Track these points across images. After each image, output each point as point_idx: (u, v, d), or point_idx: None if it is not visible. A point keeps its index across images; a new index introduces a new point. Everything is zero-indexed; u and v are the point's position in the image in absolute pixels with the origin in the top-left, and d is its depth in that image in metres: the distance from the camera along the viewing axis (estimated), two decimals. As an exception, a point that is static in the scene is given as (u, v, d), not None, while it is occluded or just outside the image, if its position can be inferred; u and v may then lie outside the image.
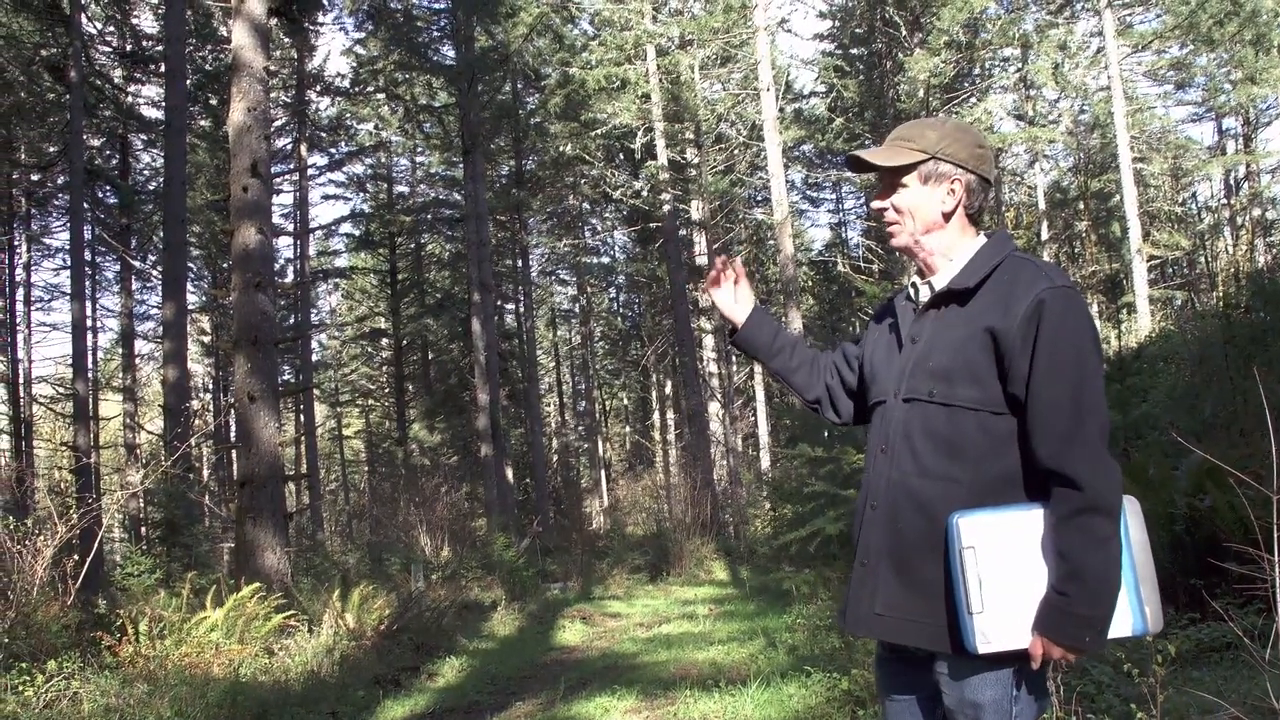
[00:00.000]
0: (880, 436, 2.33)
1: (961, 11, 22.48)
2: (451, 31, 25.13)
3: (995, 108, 27.64)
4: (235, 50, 11.70)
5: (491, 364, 23.63)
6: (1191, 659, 5.31)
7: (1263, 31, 27.65)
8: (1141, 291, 24.00)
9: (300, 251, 28.73)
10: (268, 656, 8.42)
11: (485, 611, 13.72)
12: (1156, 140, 30.71)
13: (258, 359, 11.08)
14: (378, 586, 12.02)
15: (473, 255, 23.96)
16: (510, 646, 11.55)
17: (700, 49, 24.88)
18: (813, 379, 2.70)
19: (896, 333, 2.40)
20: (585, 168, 29.02)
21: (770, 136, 20.58)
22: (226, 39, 15.50)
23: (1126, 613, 2.12)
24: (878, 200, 2.44)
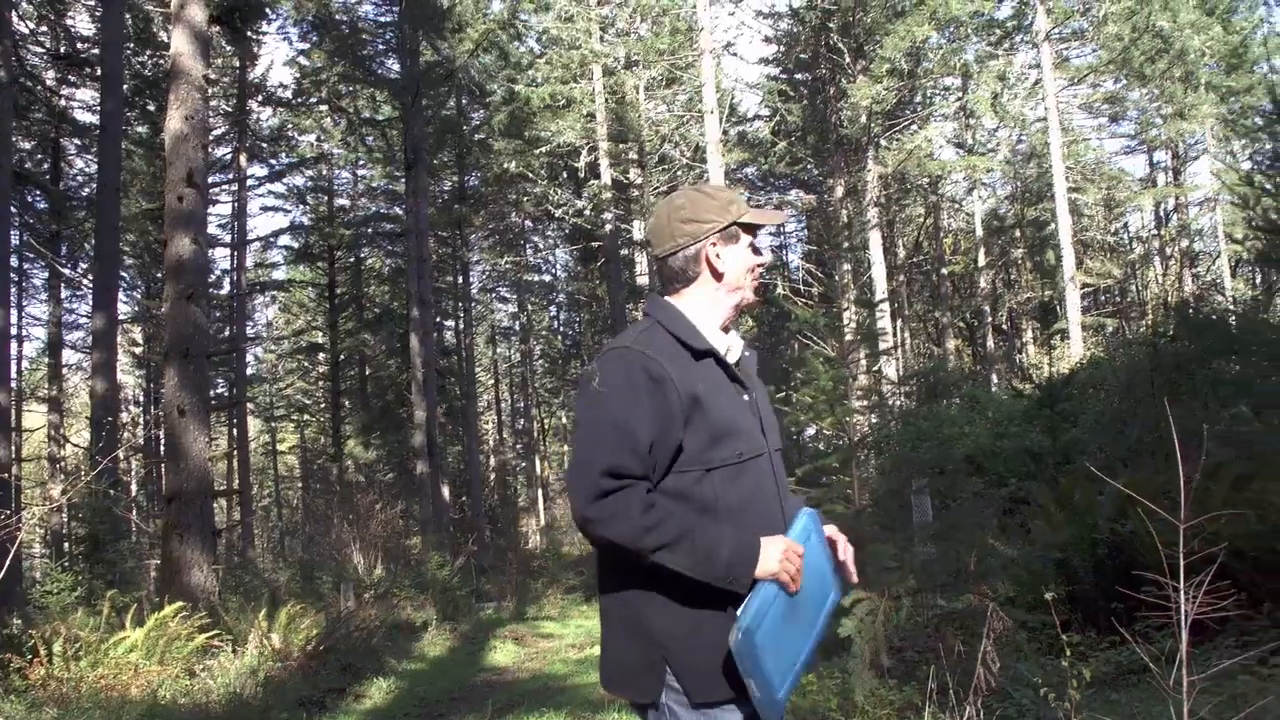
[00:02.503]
0: (771, 482, 2.41)
1: (904, 40, 22.79)
2: (397, 45, 25.01)
3: (935, 135, 28.06)
4: (174, 57, 11.52)
5: (429, 380, 23.45)
6: (1111, 681, 5.36)
7: (1191, 69, 28.36)
8: (1074, 319, 24.39)
9: (237, 263, 28.34)
10: (189, 678, 8.23)
11: (416, 631, 13.55)
12: (1091, 171, 31.26)
13: (189, 372, 10.88)
14: (307, 605, 11.82)
15: (413, 270, 23.79)
16: (440, 667, 11.41)
17: (646, 70, 24.95)
18: None
19: (736, 383, 2.44)
20: (528, 185, 28.95)
21: (713, 159, 20.67)
22: (166, 44, 15.26)
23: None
24: (769, 255, 2.53)
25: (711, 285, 2.44)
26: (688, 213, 2.44)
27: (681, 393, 2.26)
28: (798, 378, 6.01)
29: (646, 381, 2.24)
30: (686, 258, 2.44)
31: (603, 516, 2.15)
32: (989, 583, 6.34)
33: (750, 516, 2.31)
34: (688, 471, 2.28)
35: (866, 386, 6.79)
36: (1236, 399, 11.11)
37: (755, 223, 2.47)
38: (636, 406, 2.22)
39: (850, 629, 5.10)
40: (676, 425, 2.25)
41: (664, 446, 2.24)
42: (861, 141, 26.00)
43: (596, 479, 2.15)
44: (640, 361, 2.26)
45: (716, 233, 2.42)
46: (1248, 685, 4.61)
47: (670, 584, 2.21)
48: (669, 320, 2.39)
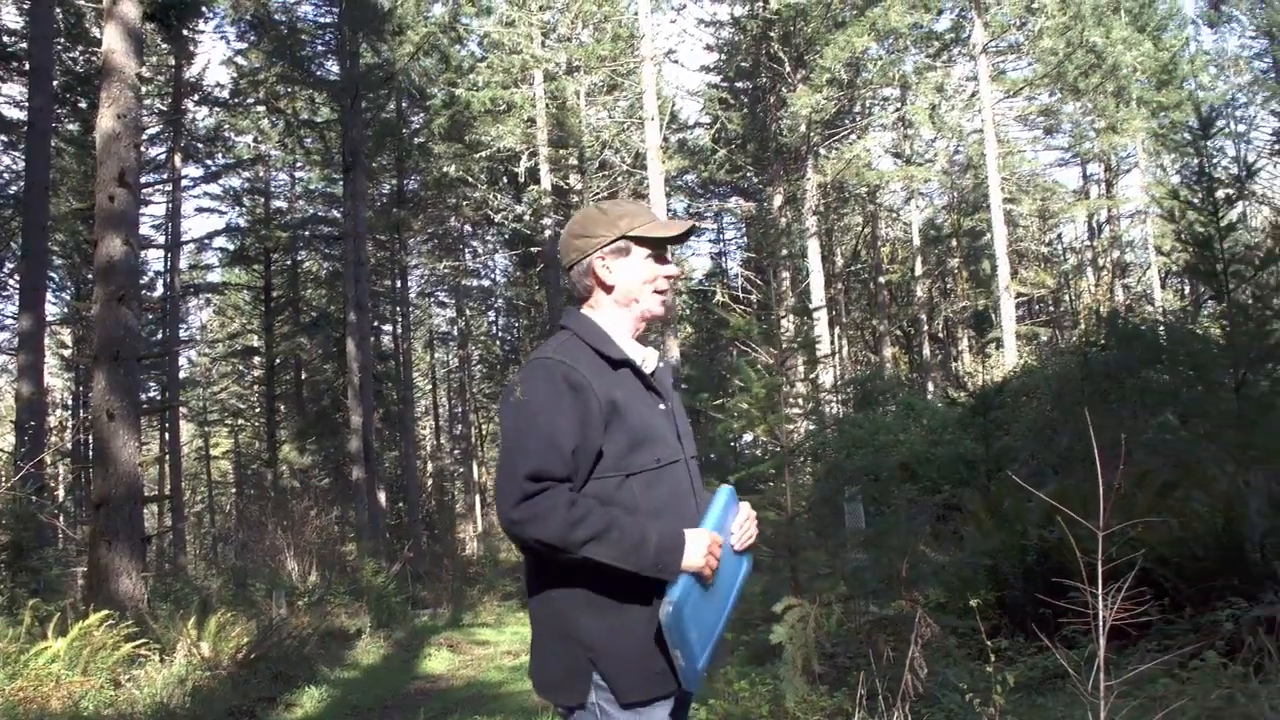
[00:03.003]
0: (688, 488, 2.46)
1: (844, 51, 23.00)
2: (337, 47, 24.78)
3: (874, 145, 28.32)
4: (106, 53, 11.30)
5: (366, 385, 23.24)
6: (1038, 686, 5.44)
7: (1123, 84, 28.94)
8: (1009, 328, 24.74)
9: (171, 265, 27.89)
10: (114, 689, 8.05)
11: (350, 639, 13.41)
12: (1026, 182, 31.78)
13: (119, 375, 10.68)
14: (239, 613, 11.63)
15: (350, 274, 23.58)
16: (374, 675, 11.31)
17: (587, 76, 24.97)
18: None
19: (653, 392, 2.51)
20: (468, 190, 28.83)
21: (653, 165, 20.73)
22: (98, 40, 14.94)
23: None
24: (675, 266, 2.62)
25: (606, 298, 2.52)
26: (579, 228, 2.53)
27: (601, 400, 2.31)
28: (736, 385, 6.03)
29: (568, 389, 2.30)
30: (580, 272, 2.53)
31: (528, 517, 2.19)
32: (920, 589, 6.40)
33: (669, 521, 2.35)
34: (608, 477, 2.33)
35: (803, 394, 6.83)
36: (1163, 408, 11.33)
37: (646, 236, 2.50)
38: (558, 413, 2.27)
39: (782, 636, 5.13)
40: (597, 431, 2.31)
41: (585, 452, 2.30)
42: (801, 150, 26.20)
43: (521, 482, 2.20)
44: (561, 370, 2.32)
45: (603, 247, 2.49)
46: (1168, 688, 4.69)
47: (596, 586, 2.27)
48: (584, 331, 2.46)
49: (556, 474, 2.24)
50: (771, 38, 25.72)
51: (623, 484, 2.34)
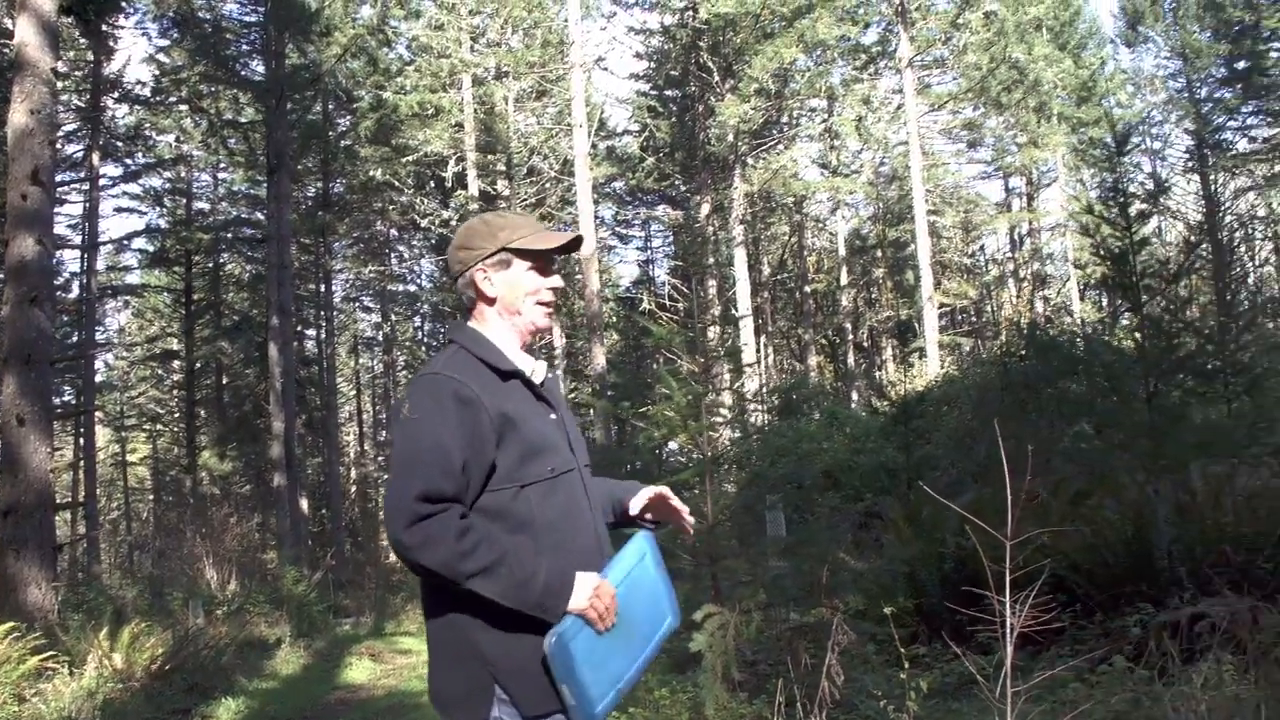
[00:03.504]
0: (583, 497, 2.48)
1: (772, 61, 23.20)
2: (262, 46, 24.45)
3: (801, 156, 28.61)
4: (19, 47, 11.02)
5: (288, 390, 22.93)
6: (953, 691, 5.52)
7: (1044, 100, 29.59)
8: (932, 337, 25.12)
9: (88, 266, 27.23)
10: (18, 704, 7.82)
11: (270, 649, 13.19)
12: (949, 195, 32.36)
13: (30, 379, 10.41)
14: (154, 623, 11.37)
15: (273, 278, 23.26)
16: (293, 686, 11.15)
17: (516, 81, 24.91)
18: None
19: (543, 402, 2.51)
20: (394, 194, 28.59)
21: (581, 172, 20.74)
22: (10, 33, 14.58)
23: None
24: (559, 278, 2.62)
25: (490, 310, 2.51)
26: (462, 240, 2.53)
27: (492, 413, 2.31)
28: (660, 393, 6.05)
29: (456, 405, 2.29)
30: (463, 284, 2.53)
31: (418, 542, 2.18)
32: (840, 596, 6.47)
33: (566, 531, 2.37)
34: (503, 489, 2.33)
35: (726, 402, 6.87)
36: (1079, 418, 11.57)
37: (527, 248, 2.50)
38: (446, 430, 2.26)
39: (701, 644, 5.15)
40: (489, 445, 2.30)
41: (477, 467, 2.29)
42: (729, 159, 26.36)
43: (411, 504, 2.20)
44: (449, 386, 2.31)
45: (483, 259, 2.48)
46: (1078, 692, 4.79)
47: (497, 610, 2.25)
48: (471, 344, 2.46)
49: (447, 493, 2.23)
50: (701, 47, 25.86)
51: (518, 495, 2.34)
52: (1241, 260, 38.38)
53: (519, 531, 2.31)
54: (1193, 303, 34.57)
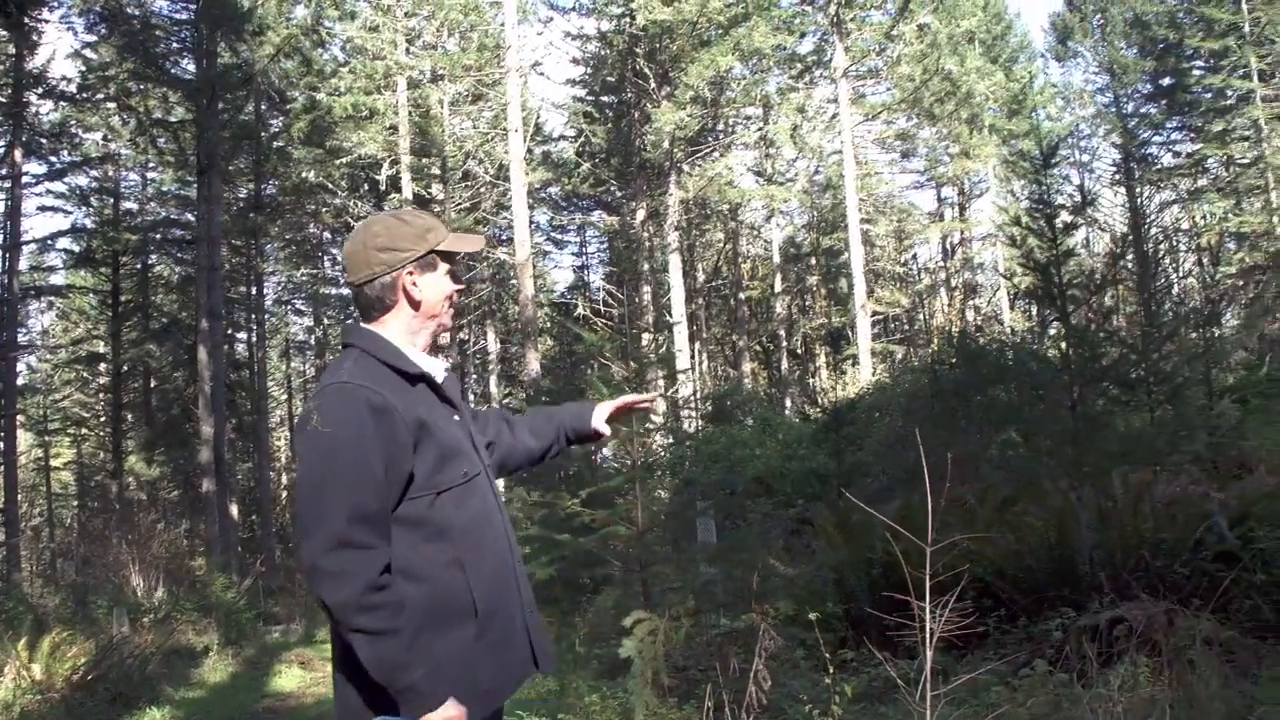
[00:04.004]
0: (492, 500, 2.47)
1: (708, 69, 23.32)
2: (193, 45, 24.08)
3: (736, 163, 28.79)
4: (-64, 45, 10.78)
5: (218, 394, 22.61)
6: (880, 695, 5.59)
7: (976, 112, 30.09)
8: (864, 345, 25.41)
9: (9, 266, 26.56)
10: (-72, 716, 7.65)
11: (197, 657, 12.99)
12: (883, 204, 32.78)
13: (-54, 382, 10.18)
14: (76, 632, 11.14)
15: (203, 280, 22.92)
16: (221, 694, 10.99)
17: (452, 85, 24.80)
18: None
19: (447, 404, 2.47)
20: (327, 196, 28.31)
21: (516, 177, 20.70)
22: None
23: None
24: (460, 284, 2.57)
25: (409, 313, 2.44)
26: (384, 240, 2.41)
27: (407, 420, 2.26)
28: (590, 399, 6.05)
29: (371, 414, 2.22)
30: (383, 286, 2.41)
31: (332, 570, 2.14)
32: (770, 602, 6.51)
33: (481, 536, 2.36)
34: (419, 497, 2.29)
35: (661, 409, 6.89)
36: (1007, 425, 11.78)
37: (453, 250, 2.48)
38: (364, 442, 2.20)
39: (631, 649, 5.17)
40: (406, 454, 2.26)
41: (396, 477, 2.24)
42: (664, 166, 26.45)
43: (339, 526, 2.15)
44: (361, 395, 2.24)
45: (413, 261, 2.41)
46: (1000, 695, 4.87)
47: (415, 619, 2.23)
48: (376, 349, 2.38)
49: (373, 510, 2.18)
50: (637, 54, 25.93)
51: (434, 502, 2.30)
52: (1166, 272, 39.27)
53: (437, 539, 2.28)
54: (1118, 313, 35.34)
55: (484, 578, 2.34)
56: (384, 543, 2.20)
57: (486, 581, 2.35)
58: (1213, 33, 28.54)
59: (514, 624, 2.42)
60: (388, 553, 2.21)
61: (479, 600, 2.31)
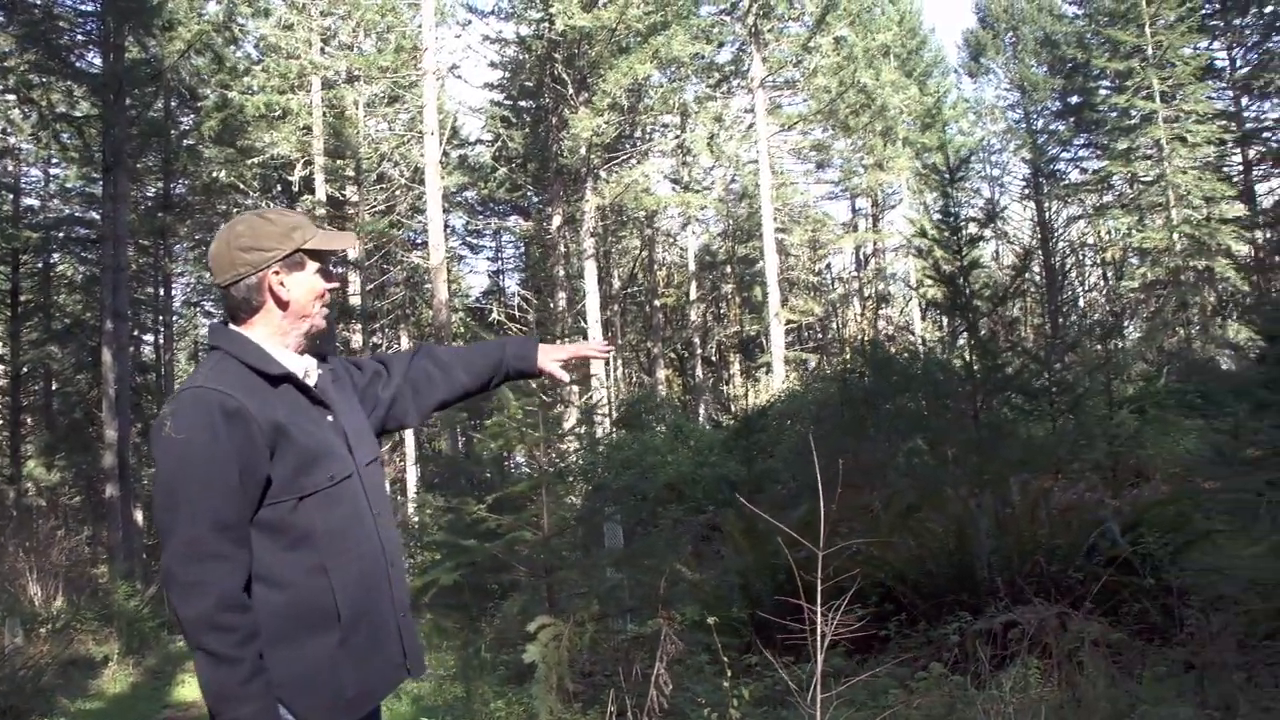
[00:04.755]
0: (364, 502, 2.40)
1: (626, 76, 23.39)
2: (99, 38, 23.47)
3: (653, 171, 28.89)
4: None
5: (123, 397, 22.06)
6: (780, 699, 5.65)
7: (890, 125, 30.61)
8: (778, 353, 25.67)
9: (-96, 263, 25.85)
10: None
11: (96, 667, 12.67)
12: (798, 213, 33.17)
13: None
14: (-35, 643, 10.84)
15: (108, 280, 22.36)
16: (120, 705, 10.74)
17: (368, 86, 24.56)
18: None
19: (319, 405, 2.41)
20: (239, 196, 27.79)
21: (432, 180, 20.56)
22: None
23: None
24: (332, 282, 2.49)
25: (277, 314, 2.38)
26: (248, 240, 2.35)
27: (262, 424, 2.21)
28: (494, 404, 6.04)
29: (223, 419, 2.17)
30: (249, 286, 2.35)
31: (190, 579, 2.10)
32: (677, 607, 6.55)
33: (348, 540, 2.32)
34: (280, 502, 2.24)
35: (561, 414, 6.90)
36: (914, 433, 11.99)
37: (321, 249, 2.41)
38: (217, 448, 2.15)
39: (535, 655, 5.16)
40: (262, 459, 2.20)
41: (253, 483, 2.19)
42: (581, 172, 26.46)
43: (196, 533, 2.11)
44: (215, 400, 2.19)
45: (279, 260, 2.35)
46: (897, 698, 4.96)
47: (271, 620, 2.19)
48: (239, 350, 2.32)
49: (231, 519, 2.13)
50: (556, 59, 25.91)
51: (297, 507, 2.25)
52: (1072, 285, 40.31)
53: (299, 545, 2.24)
54: (1025, 324, 36.15)
55: (350, 582, 2.30)
56: (243, 552, 2.16)
57: (353, 586, 2.30)
58: (1118, 54, 29.37)
59: (384, 628, 2.38)
60: (247, 563, 2.17)
61: (343, 606, 2.26)
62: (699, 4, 26.64)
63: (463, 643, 8.12)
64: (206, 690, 2.10)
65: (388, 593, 2.42)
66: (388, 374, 2.71)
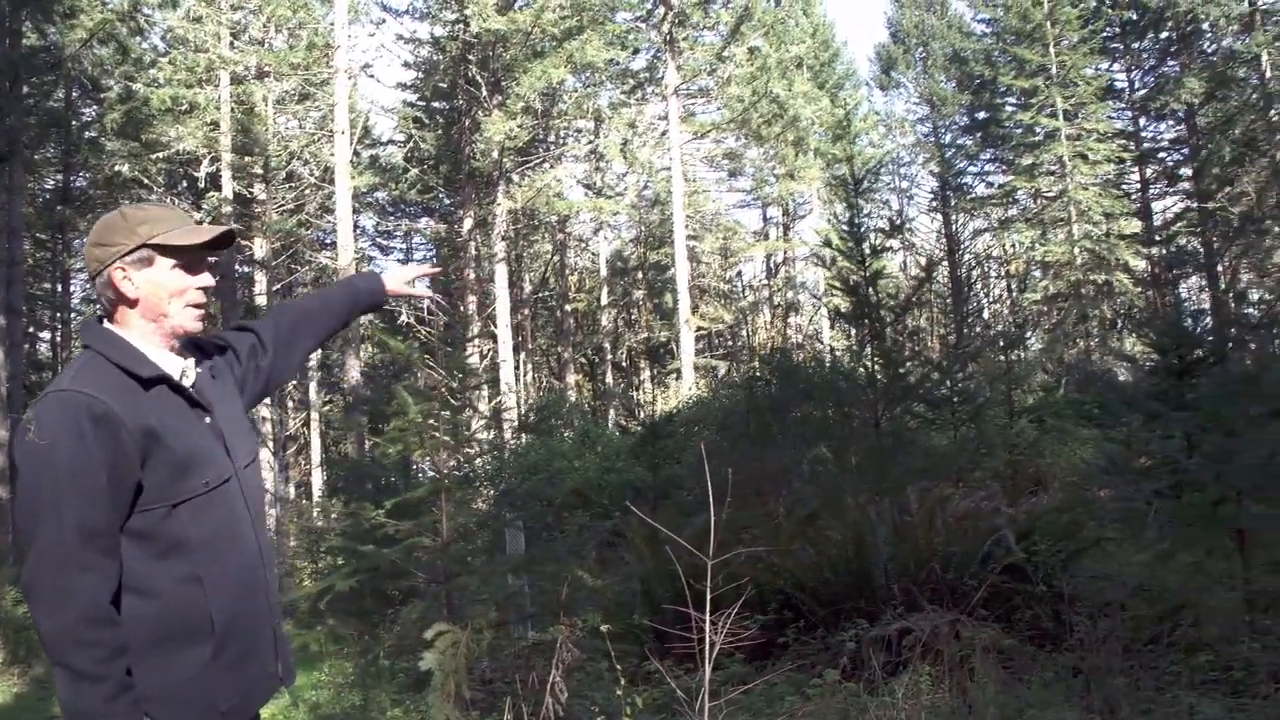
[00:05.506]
0: (241, 506, 2.33)
1: (540, 80, 23.34)
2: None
3: (566, 175, 28.87)
4: None
5: (15, 396, 21.38)
6: (674, 707, 5.66)
7: (802, 135, 30.97)
8: (688, 360, 25.79)
9: None
10: None
11: (-22, 675, 12.28)
12: (709, 221, 33.38)
13: None
14: None
15: (1, 274, 21.70)
16: (4, 717, 10.42)
17: (278, 82, 24.18)
18: None
19: (197, 408, 2.32)
20: (143, 191, 27.13)
21: (341, 180, 20.30)
22: None
23: None
24: (210, 276, 2.40)
25: (132, 313, 2.28)
26: (98, 237, 2.28)
27: (132, 429, 2.11)
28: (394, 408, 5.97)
29: (91, 425, 2.07)
30: (102, 283, 2.27)
31: (50, 591, 2.02)
32: (579, 613, 6.53)
33: (223, 547, 2.24)
34: (152, 509, 2.15)
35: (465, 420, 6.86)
36: (819, 441, 12.12)
37: (172, 244, 2.29)
38: (85, 454, 2.06)
39: (431, 662, 5.11)
40: (132, 465, 2.11)
41: (122, 491, 2.10)
42: (494, 175, 26.31)
43: (62, 541, 2.02)
44: (82, 404, 2.09)
45: (122, 257, 2.24)
46: (793, 705, 5.00)
47: (136, 632, 2.11)
48: (110, 349, 2.22)
49: (100, 526, 2.05)
50: (470, 61, 25.74)
51: (169, 514, 2.16)
52: (977, 296, 41.18)
53: (171, 554, 2.15)
54: (931, 334, 36.79)
55: (225, 592, 2.22)
56: (111, 562, 2.07)
57: (228, 596, 2.23)
58: (1024, 72, 30.08)
59: (260, 637, 2.32)
60: (116, 574, 2.08)
61: (217, 616, 2.19)
62: (615, 10, 26.72)
63: (361, 650, 8.02)
64: (66, 709, 2.02)
65: (264, 600, 2.35)
66: (261, 345, 2.63)
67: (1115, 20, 29.99)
